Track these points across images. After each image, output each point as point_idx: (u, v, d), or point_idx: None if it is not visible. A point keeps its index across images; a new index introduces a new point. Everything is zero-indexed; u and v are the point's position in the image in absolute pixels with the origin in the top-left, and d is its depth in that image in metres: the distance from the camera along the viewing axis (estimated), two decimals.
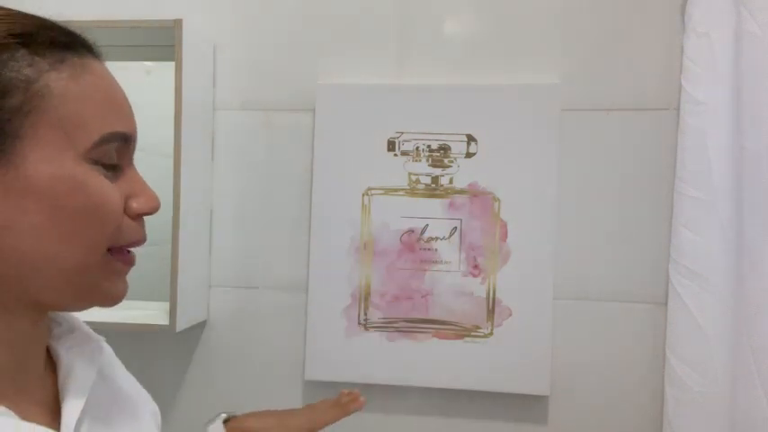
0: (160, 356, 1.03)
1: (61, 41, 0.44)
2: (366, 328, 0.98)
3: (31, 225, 0.41)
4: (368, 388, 0.99)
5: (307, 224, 1.00)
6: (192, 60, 0.93)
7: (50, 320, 0.52)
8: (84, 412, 0.48)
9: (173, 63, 0.89)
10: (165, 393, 0.80)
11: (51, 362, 0.51)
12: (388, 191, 0.97)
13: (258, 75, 1.02)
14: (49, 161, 0.41)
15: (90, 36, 0.47)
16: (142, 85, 1.05)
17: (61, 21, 0.47)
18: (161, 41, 1.01)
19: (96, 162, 0.43)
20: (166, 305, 0.90)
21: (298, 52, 1.01)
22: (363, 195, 0.97)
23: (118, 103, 0.46)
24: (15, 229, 0.41)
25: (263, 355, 1.02)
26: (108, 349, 0.58)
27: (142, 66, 1.07)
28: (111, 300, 0.47)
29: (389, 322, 0.97)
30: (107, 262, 0.45)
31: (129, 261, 0.47)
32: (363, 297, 0.98)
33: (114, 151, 0.44)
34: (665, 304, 0.92)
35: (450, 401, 0.98)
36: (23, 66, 0.41)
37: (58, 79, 0.42)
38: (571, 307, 0.96)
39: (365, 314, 0.98)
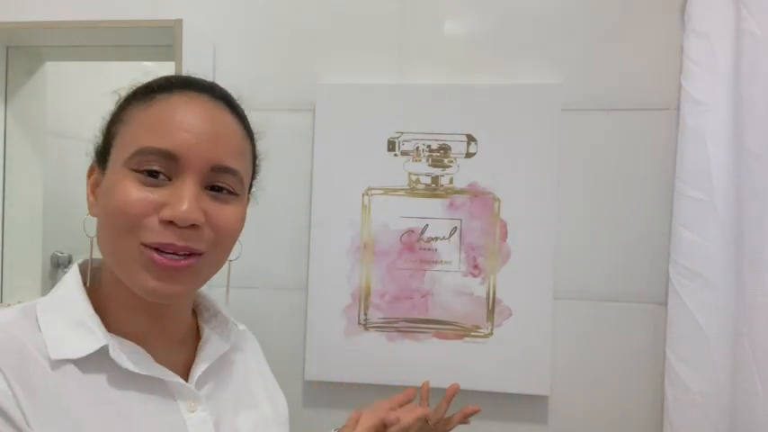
0: None
1: (164, 85, 0.57)
2: (366, 328, 0.98)
3: (99, 220, 0.56)
4: (368, 388, 0.99)
5: (307, 224, 1.00)
6: (192, 60, 0.93)
7: (200, 305, 0.69)
8: (209, 374, 0.61)
9: (173, 63, 0.89)
10: None
11: (198, 337, 0.65)
12: (388, 191, 0.97)
13: (258, 75, 1.02)
14: (111, 169, 0.55)
15: (205, 80, 0.61)
16: None
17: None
18: (161, 41, 1.01)
19: (136, 170, 0.53)
20: None
21: (298, 52, 1.01)
22: (363, 195, 0.97)
23: (167, 126, 0.54)
24: (98, 223, 0.56)
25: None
26: (253, 339, 0.76)
27: (142, 66, 1.07)
28: (144, 291, 0.54)
29: (389, 322, 0.97)
30: (139, 255, 0.53)
31: (162, 262, 0.53)
32: (363, 297, 0.98)
33: (154, 163, 0.53)
34: (665, 304, 0.92)
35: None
36: (132, 105, 0.56)
37: (136, 111, 0.55)
38: (571, 307, 0.96)
39: (365, 314, 0.98)
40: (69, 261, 1.63)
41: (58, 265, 1.62)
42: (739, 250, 0.85)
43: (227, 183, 0.57)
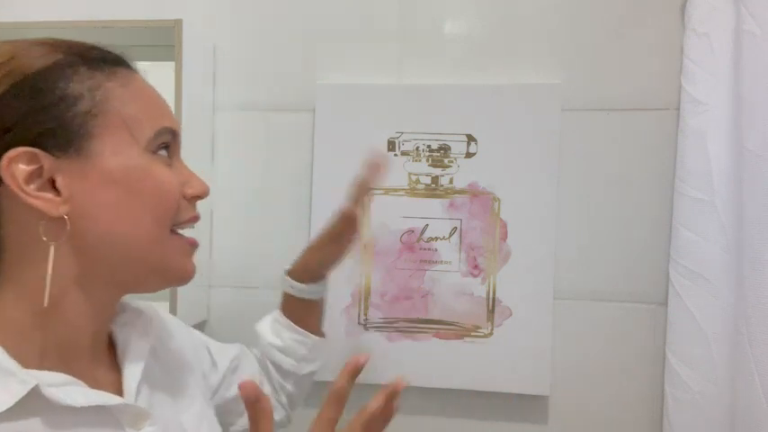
0: None
1: (108, 59, 0.53)
2: (366, 328, 0.98)
3: (109, 209, 0.49)
4: (368, 388, 0.99)
5: (307, 224, 1.00)
6: (192, 60, 0.93)
7: None
8: (141, 380, 0.55)
9: (173, 63, 0.89)
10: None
11: (111, 341, 0.58)
12: (388, 191, 0.97)
13: (258, 75, 1.02)
14: (119, 154, 0.49)
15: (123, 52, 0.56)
16: None
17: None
18: (161, 41, 1.01)
19: (154, 152, 0.51)
20: (166, 305, 0.90)
21: (298, 52, 1.01)
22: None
23: (161, 104, 0.55)
24: (97, 214, 0.49)
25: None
26: (158, 316, 0.66)
27: (142, 66, 1.07)
28: (183, 275, 0.55)
29: (389, 322, 0.97)
30: (175, 240, 0.53)
31: (193, 242, 0.56)
32: (363, 297, 0.98)
33: (167, 143, 0.53)
34: (665, 304, 0.92)
35: (451, 401, 0.98)
36: (85, 78, 0.49)
37: (114, 87, 0.50)
38: (571, 307, 0.96)
39: (365, 314, 0.98)
40: None
41: None
42: (739, 250, 0.85)
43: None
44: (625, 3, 0.94)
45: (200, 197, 0.55)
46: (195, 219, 0.56)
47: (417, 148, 0.96)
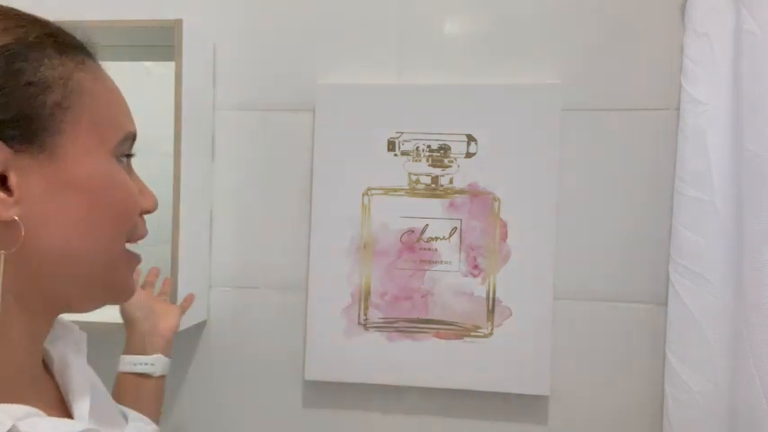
0: None
1: (76, 44, 0.46)
2: (366, 328, 0.98)
3: (68, 218, 0.43)
4: (368, 388, 0.99)
5: (307, 224, 1.00)
6: (192, 60, 0.93)
7: None
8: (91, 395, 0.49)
9: (173, 63, 0.89)
10: (164, 393, 0.81)
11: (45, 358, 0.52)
12: (388, 191, 0.97)
13: (258, 75, 1.02)
14: (87, 156, 0.43)
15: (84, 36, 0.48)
16: (142, 86, 1.04)
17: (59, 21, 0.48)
18: (161, 41, 1.01)
19: (118, 158, 0.46)
20: None
21: (298, 52, 1.01)
22: (363, 195, 0.97)
23: (125, 104, 0.49)
24: (52, 222, 0.42)
25: (263, 355, 1.02)
26: (71, 329, 0.58)
27: (142, 66, 1.07)
28: (128, 294, 0.50)
29: (389, 322, 0.97)
30: (127, 256, 0.49)
31: (139, 258, 0.50)
32: (363, 297, 0.98)
33: (129, 149, 0.48)
34: (665, 304, 0.92)
35: (451, 401, 0.98)
36: (56, 64, 0.42)
37: (86, 79, 0.44)
38: (571, 307, 0.96)
39: (365, 314, 0.98)
40: None
41: None
42: (739, 250, 0.85)
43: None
44: (625, 3, 0.94)
45: (151, 212, 0.50)
46: (143, 236, 0.50)
47: (417, 148, 0.96)
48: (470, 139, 0.96)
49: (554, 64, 0.96)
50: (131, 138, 0.48)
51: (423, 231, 0.97)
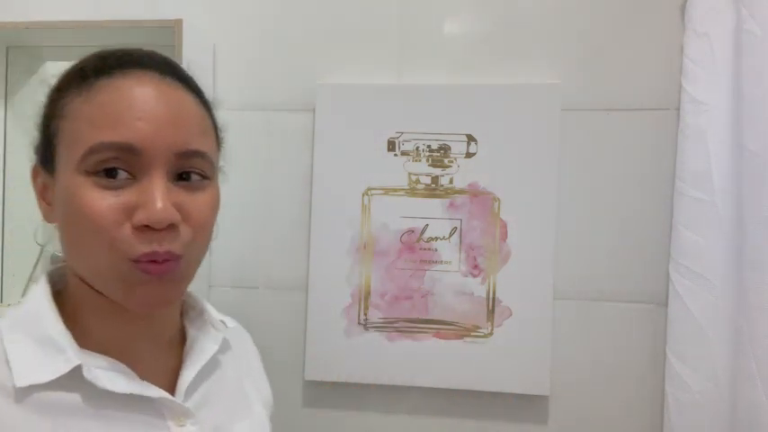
0: None
1: (101, 68, 0.49)
2: (366, 328, 0.98)
3: (62, 231, 0.50)
4: (368, 388, 0.99)
5: (307, 224, 1.00)
6: (192, 60, 0.93)
7: (186, 304, 0.62)
8: (198, 381, 0.56)
9: None
10: None
11: (184, 338, 0.59)
12: (388, 191, 0.97)
13: (258, 75, 1.02)
14: (63, 175, 0.48)
15: (144, 51, 0.53)
16: None
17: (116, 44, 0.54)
18: (161, 41, 1.01)
19: (91, 173, 0.46)
20: None
21: (298, 52, 1.01)
22: (363, 195, 0.97)
23: (120, 116, 0.47)
24: (60, 232, 0.51)
25: (262, 355, 1.01)
26: (244, 335, 0.72)
27: None
28: (131, 306, 0.49)
29: (389, 322, 0.97)
30: (120, 269, 0.47)
31: (147, 270, 0.47)
32: (363, 297, 0.98)
33: (113, 161, 0.46)
34: (665, 304, 0.92)
35: (451, 401, 0.98)
36: (64, 96, 0.49)
37: (77, 103, 0.48)
38: (571, 307, 0.96)
39: (365, 314, 0.98)
40: None
41: None
42: (739, 250, 0.85)
43: (196, 167, 0.50)
44: (625, 3, 0.94)
45: (148, 225, 0.46)
46: (142, 256, 0.46)
47: (417, 148, 0.96)
48: (470, 139, 0.96)
49: (554, 64, 0.96)
50: (103, 148, 0.46)
51: (423, 231, 0.97)
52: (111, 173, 0.46)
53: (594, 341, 0.95)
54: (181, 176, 0.49)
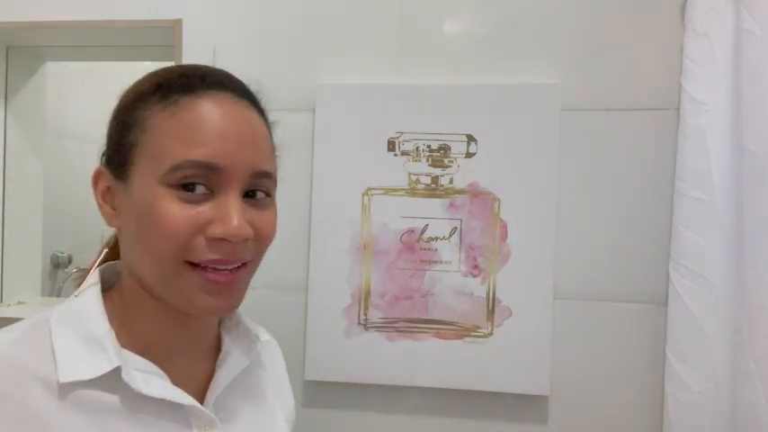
0: None
1: (185, 86, 0.52)
2: (366, 328, 0.98)
3: (131, 236, 0.53)
4: (368, 388, 0.99)
5: (307, 224, 1.00)
6: (192, 60, 0.93)
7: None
8: (228, 393, 0.58)
9: (173, 63, 0.89)
10: None
11: (219, 346, 0.62)
12: (388, 191, 0.97)
13: (258, 75, 1.01)
14: (141, 184, 0.51)
15: (222, 72, 0.57)
16: None
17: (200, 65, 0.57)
18: (161, 41, 1.01)
19: (173, 186, 0.50)
20: None
21: (298, 52, 1.01)
22: (363, 195, 0.97)
23: (203, 135, 0.50)
24: (126, 238, 0.54)
25: None
26: (276, 349, 0.73)
27: (142, 66, 1.08)
28: (196, 310, 0.53)
29: (389, 322, 0.97)
30: (189, 275, 0.51)
31: (216, 279, 0.51)
32: (363, 297, 0.98)
33: (195, 177, 0.50)
34: (665, 304, 0.92)
35: (451, 401, 0.98)
36: (148, 107, 0.51)
37: (159, 118, 0.51)
38: (571, 307, 0.96)
39: (365, 314, 0.98)
40: (69, 261, 1.64)
41: (57, 266, 1.63)
42: (739, 250, 0.85)
43: (264, 186, 0.54)
44: (625, 3, 0.94)
45: (222, 239, 0.50)
46: (216, 262, 0.51)
47: (417, 148, 0.96)
48: (470, 139, 0.96)
49: (554, 64, 0.96)
50: (187, 166, 0.49)
51: (423, 231, 0.97)
52: (189, 187, 0.50)
53: (594, 341, 0.95)
54: (247, 193, 0.53)
